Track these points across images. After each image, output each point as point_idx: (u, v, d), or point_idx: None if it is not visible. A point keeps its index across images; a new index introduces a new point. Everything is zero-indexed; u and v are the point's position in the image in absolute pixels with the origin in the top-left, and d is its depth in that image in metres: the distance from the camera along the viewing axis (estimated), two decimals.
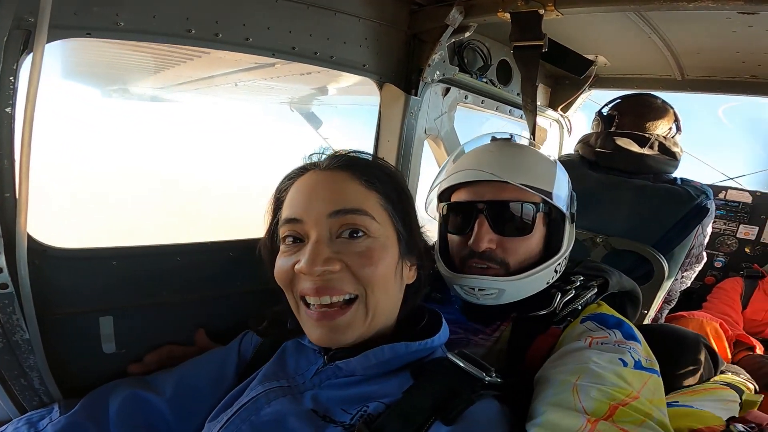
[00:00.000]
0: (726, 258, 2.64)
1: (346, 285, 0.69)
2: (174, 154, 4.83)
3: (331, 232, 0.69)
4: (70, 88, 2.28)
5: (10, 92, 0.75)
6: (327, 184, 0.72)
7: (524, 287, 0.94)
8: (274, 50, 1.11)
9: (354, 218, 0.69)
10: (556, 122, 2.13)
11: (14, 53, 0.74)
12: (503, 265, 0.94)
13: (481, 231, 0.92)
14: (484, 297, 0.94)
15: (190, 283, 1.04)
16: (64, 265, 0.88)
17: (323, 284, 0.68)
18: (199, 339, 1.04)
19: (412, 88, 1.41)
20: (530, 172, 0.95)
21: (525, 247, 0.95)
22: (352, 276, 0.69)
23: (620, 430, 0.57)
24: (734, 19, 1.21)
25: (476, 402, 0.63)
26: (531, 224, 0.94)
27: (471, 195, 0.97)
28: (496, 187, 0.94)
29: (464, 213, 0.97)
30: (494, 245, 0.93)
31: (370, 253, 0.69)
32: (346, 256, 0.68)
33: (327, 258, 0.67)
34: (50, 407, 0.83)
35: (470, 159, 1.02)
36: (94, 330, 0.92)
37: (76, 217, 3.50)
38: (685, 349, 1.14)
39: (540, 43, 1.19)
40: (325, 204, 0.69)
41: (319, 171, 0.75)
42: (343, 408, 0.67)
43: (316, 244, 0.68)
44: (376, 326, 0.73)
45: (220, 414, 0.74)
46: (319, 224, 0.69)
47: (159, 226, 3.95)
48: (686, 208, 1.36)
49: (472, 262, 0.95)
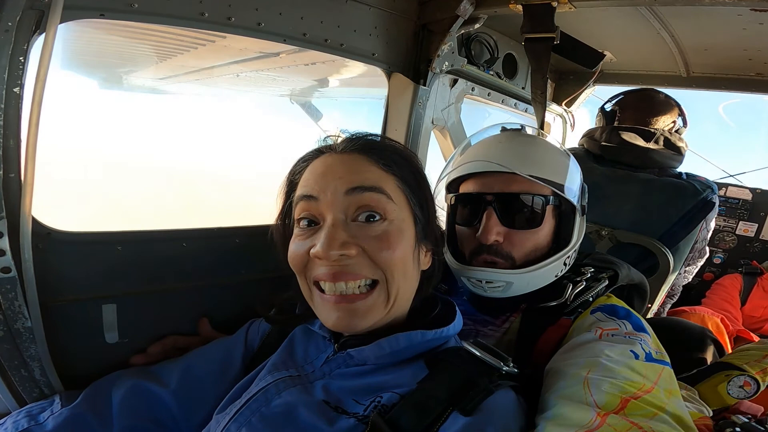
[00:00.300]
0: (725, 255, 2.67)
1: (363, 269, 0.67)
2: (174, 144, 4.79)
3: (347, 214, 0.67)
4: (71, 77, 2.25)
5: (19, 72, 0.73)
6: (344, 164, 0.70)
7: (532, 280, 0.94)
8: (286, 36, 1.10)
9: (371, 197, 0.67)
10: (559, 117, 2.14)
11: (26, 33, 0.72)
12: (509, 258, 0.93)
13: (489, 223, 0.91)
14: (492, 290, 0.93)
15: (196, 269, 1.02)
16: (68, 250, 0.85)
17: (340, 269, 0.66)
18: (203, 329, 1.02)
19: (421, 78, 1.40)
20: (541, 163, 0.94)
21: (533, 240, 0.94)
22: (369, 260, 0.67)
23: (631, 424, 0.55)
24: (745, 16, 1.21)
25: (494, 392, 0.62)
26: (540, 217, 0.93)
27: (480, 186, 0.96)
28: (505, 179, 0.93)
29: (473, 205, 0.96)
30: (502, 238, 0.92)
31: (387, 237, 0.67)
32: (363, 240, 0.66)
33: (343, 242, 0.65)
34: (51, 399, 0.81)
35: (480, 149, 1.01)
36: (96, 318, 0.89)
37: (81, 202, 3.45)
38: (691, 342, 1.15)
39: (552, 36, 1.18)
40: (342, 182, 0.67)
41: (335, 153, 0.73)
42: (355, 399, 0.66)
43: (332, 228, 0.66)
44: (394, 313, 0.71)
45: (229, 405, 0.73)
46: (336, 203, 0.67)
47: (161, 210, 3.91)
48: (692, 202, 1.37)
49: (480, 255, 0.94)
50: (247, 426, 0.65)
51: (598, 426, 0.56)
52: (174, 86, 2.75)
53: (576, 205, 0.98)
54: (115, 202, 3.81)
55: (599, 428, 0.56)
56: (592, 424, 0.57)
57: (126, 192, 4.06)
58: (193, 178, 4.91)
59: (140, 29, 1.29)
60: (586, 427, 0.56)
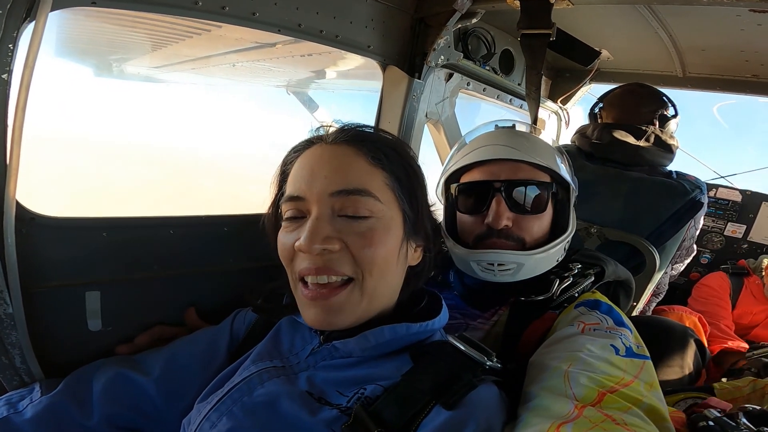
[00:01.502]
0: (712, 255, 2.70)
1: (343, 266, 0.66)
2: (167, 131, 4.75)
3: (333, 209, 0.67)
4: (66, 65, 2.22)
5: (7, 59, 0.72)
6: (331, 161, 0.69)
7: (540, 263, 0.96)
8: (280, 26, 1.08)
9: (356, 199, 0.67)
10: (554, 114, 2.14)
11: (16, 21, 0.71)
12: (519, 241, 0.96)
13: (500, 209, 0.94)
14: (502, 273, 0.95)
15: (182, 257, 1.01)
16: (52, 235, 0.83)
17: (322, 264, 0.66)
18: (190, 318, 1.01)
19: (416, 71, 1.39)
20: (541, 153, 0.98)
21: (539, 224, 0.97)
22: (351, 257, 0.66)
23: (605, 416, 0.57)
24: (744, 17, 1.22)
25: (477, 387, 0.62)
26: (545, 202, 0.97)
27: (486, 175, 0.98)
28: (510, 167, 0.96)
29: (479, 192, 0.98)
30: (511, 223, 0.95)
31: (371, 234, 0.67)
32: (347, 235, 0.66)
33: (327, 236, 0.65)
34: (31, 387, 0.79)
35: (483, 141, 1.03)
36: (80, 305, 0.88)
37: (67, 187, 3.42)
38: (672, 341, 1.17)
39: (548, 32, 1.18)
40: (327, 182, 0.67)
41: (324, 145, 0.72)
42: (339, 390, 0.66)
43: (316, 221, 0.66)
44: (374, 310, 0.71)
45: (210, 395, 0.72)
46: (321, 202, 0.67)
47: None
48: (681, 202, 1.38)
49: (490, 241, 0.96)
50: (228, 415, 0.66)
51: (575, 417, 0.58)
52: (169, 75, 2.71)
53: (574, 188, 1.02)
54: (105, 187, 3.79)
55: (576, 419, 0.57)
56: (569, 415, 0.59)
57: (117, 178, 4.03)
58: (187, 166, 4.89)
59: (134, 17, 1.27)
60: (564, 418, 0.58)
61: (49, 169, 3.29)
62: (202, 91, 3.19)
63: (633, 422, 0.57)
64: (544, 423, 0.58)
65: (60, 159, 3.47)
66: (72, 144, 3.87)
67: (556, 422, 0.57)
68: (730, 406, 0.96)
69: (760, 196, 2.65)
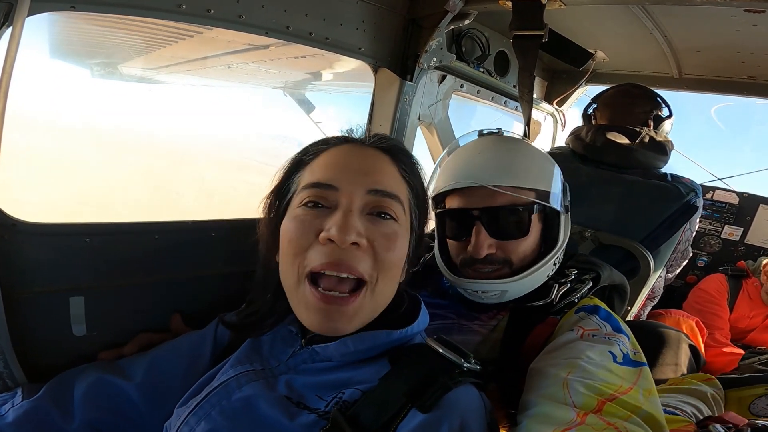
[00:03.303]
0: (709, 258, 2.69)
1: (363, 265, 0.65)
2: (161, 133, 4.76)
3: (365, 206, 0.67)
4: (58, 66, 2.21)
5: None
6: (368, 160, 0.71)
7: (526, 284, 0.95)
8: (268, 29, 1.07)
9: (390, 202, 0.68)
10: (550, 116, 2.13)
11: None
12: (506, 263, 0.95)
13: (480, 238, 0.93)
14: (488, 298, 0.95)
15: (168, 263, 1.00)
16: (34, 241, 0.82)
17: (346, 259, 0.63)
18: (175, 325, 1.00)
19: (408, 74, 1.38)
20: (522, 171, 0.95)
21: (524, 246, 0.96)
22: (372, 257, 0.66)
23: (607, 424, 0.58)
24: (739, 17, 1.20)
25: (453, 389, 0.61)
26: (527, 225, 0.95)
27: (464, 202, 0.96)
28: (488, 193, 0.93)
29: (459, 220, 0.97)
30: (494, 249, 0.94)
31: (395, 237, 0.68)
32: (374, 234, 0.66)
33: (359, 231, 0.64)
34: (13, 392, 0.78)
35: (460, 162, 1.01)
36: (63, 311, 0.87)
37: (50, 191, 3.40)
38: (666, 346, 1.16)
39: (540, 33, 1.17)
40: (366, 178, 0.67)
41: (361, 146, 0.74)
42: (318, 394, 0.65)
43: (350, 213, 0.64)
44: (374, 316, 0.70)
45: (190, 399, 0.71)
46: (357, 195, 0.66)
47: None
48: (675, 205, 1.37)
49: (474, 266, 0.95)
50: (206, 419, 0.65)
51: (578, 424, 0.59)
52: (164, 77, 2.71)
53: (559, 209, 0.99)
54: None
55: (579, 426, 0.58)
56: (573, 422, 0.59)
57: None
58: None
59: (121, 20, 1.25)
60: (567, 424, 0.59)
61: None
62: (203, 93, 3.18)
63: (634, 430, 0.58)
64: (546, 429, 0.59)
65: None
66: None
67: (559, 428, 0.58)
68: (744, 421, 0.94)
69: (757, 198, 2.63)
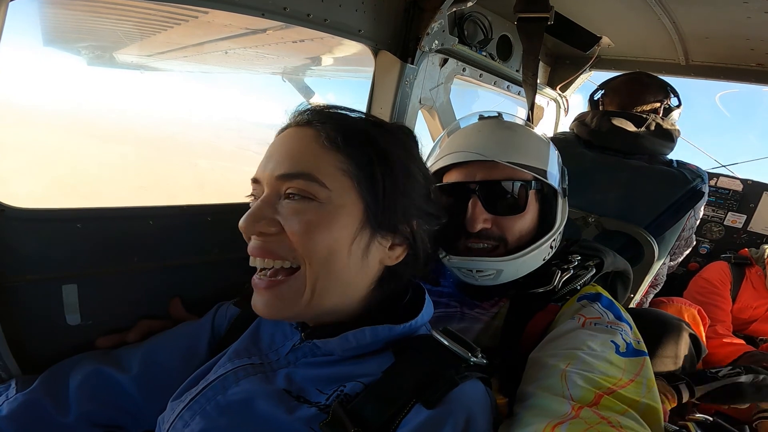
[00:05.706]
0: (711, 245, 2.68)
1: (283, 250, 0.62)
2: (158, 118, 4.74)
3: (279, 193, 0.64)
4: (55, 56, 2.17)
5: None
6: (285, 144, 0.67)
7: (522, 266, 0.94)
8: (264, 10, 1.03)
9: (299, 183, 0.62)
10: (553, 101, 2.10)
11: None
12: (501, 241, 0.93)
13: (475, 211, 0.91)
14: (482, 278, 0.93)
15: (164, 249, 0.98)
16: (24, 228, 0.80)
17: (263, 245, 0.63)
18: (174, 309, 0.98)
19: (409, 56, 1.35)
20: (520, 149, 0.94)
21: (520, 224, 0.94)
22: (289, 242, 0.62)
23: (601, 418, 0.57)
24: (752, 3, 1.18)
25: (460, 384, 0.59)
26: (524, 202, 0.94)
27: (462, 176, 0.95)
28: (487, 167, 0.93)
29: (457, 194, 0.95)
30: (489, 224, 0.92)
31: (309, 220, 0.61)
32: (286, 219, 0.62)
33: (264, 217, 0.62)
34: (7, 384, 0.77)
35: (460, 139, 1.00)
36: (56, 299, 0.85)
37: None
38: (667, 334, 1.15)
39: (546, 16, 1.14)
40: (276, 165, 0.64)
41: (291, 128, 0.69)
42: (319, 388, 0.64)
43: (259, 203, 0.63)
44: (324, 307, 0.65)
45: (185, 393, 0.70)
46: (269, 185, 0.64)
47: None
48: (681, 191, 1.35)
49: (468, 242, 0.94)
50: (201, 414, 0.63)
51: (572, 418, 0.58)
52: (160, 63, 2.66)
53: (557, 188, 0.98)
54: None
55: (572, 420, 0.57)
56: (566, 415, 0.58)
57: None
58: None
59: (113, 4, 1.22)
60: (561, 418, 0.58)
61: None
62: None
63: (628, 425, 0.56)
64: (541, 422, 0.58)
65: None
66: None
67: (552, 422, 0.57)
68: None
69: (762, 185, 2.61)
